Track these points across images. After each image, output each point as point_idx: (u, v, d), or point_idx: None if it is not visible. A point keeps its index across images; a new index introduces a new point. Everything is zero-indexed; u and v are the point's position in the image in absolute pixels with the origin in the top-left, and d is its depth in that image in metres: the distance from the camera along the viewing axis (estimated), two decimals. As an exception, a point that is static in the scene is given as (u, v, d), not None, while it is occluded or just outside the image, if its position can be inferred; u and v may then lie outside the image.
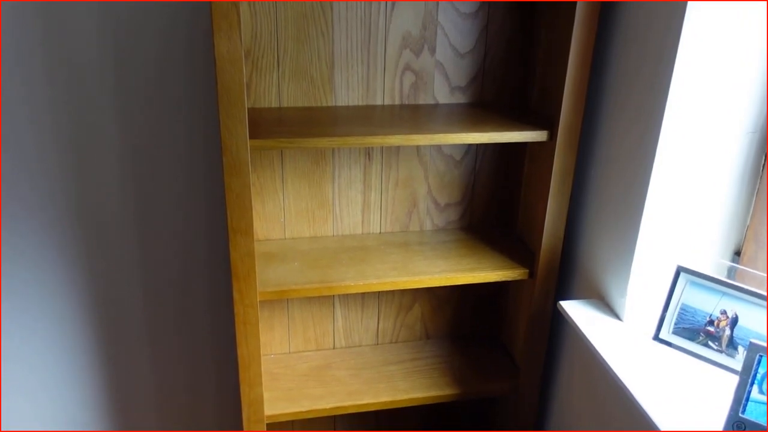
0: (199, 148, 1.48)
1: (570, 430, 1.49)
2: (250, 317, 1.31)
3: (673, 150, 1.12)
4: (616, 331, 1.22)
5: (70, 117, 1.39)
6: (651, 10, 1.11)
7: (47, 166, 1.43)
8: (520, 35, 1.44)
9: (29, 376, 1.64)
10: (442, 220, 1.58)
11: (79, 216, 1.49)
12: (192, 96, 1.43)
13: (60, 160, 1.43)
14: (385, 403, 1.49)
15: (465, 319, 1.70)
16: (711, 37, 1.05)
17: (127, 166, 1.46)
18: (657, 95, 1.10)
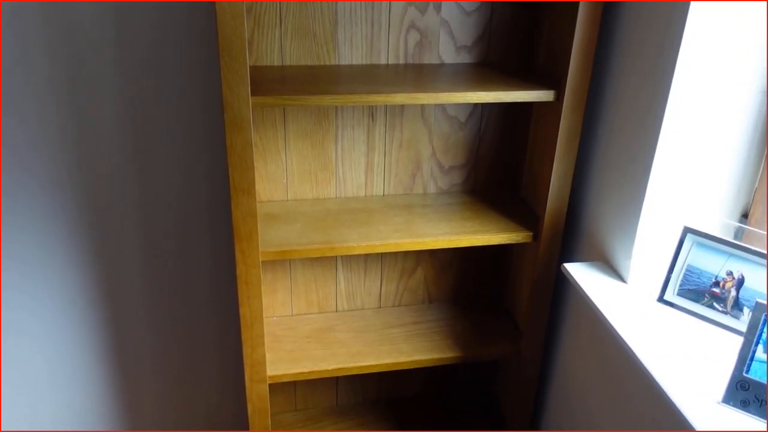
0: (201, 106, 1.46)
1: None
2: (252, 277, 1.30)
3: (683, 110, 1.10)
4: (621, 293, 1.21)
5: (68, 62, 1.37)
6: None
7: (45, 116, 1.41)
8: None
9: (28, 327, 1.64)
10: (446, 183, 1.56)
11: (79, 174, 1.47)
12: (193, 52, 1.40)
13: (58, 111, 1.41)
14: (387, 365, 1.49)
15: (468, 283, 1.70)
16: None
17: (128, 124, 1.44)
18: (667, 54, 1.08)
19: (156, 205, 1.54)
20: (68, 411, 1.76)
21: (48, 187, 1.47)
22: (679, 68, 1.07)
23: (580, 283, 1.24)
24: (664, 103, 1.10)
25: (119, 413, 1.79)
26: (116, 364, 1.72)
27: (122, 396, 1.77)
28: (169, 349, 1.73)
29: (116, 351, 1.70)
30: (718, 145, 1.14)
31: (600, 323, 1.33)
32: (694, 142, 1.13)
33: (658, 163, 1.14)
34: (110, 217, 1.53)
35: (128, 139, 1.46)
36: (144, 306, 1.66)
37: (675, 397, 0.97)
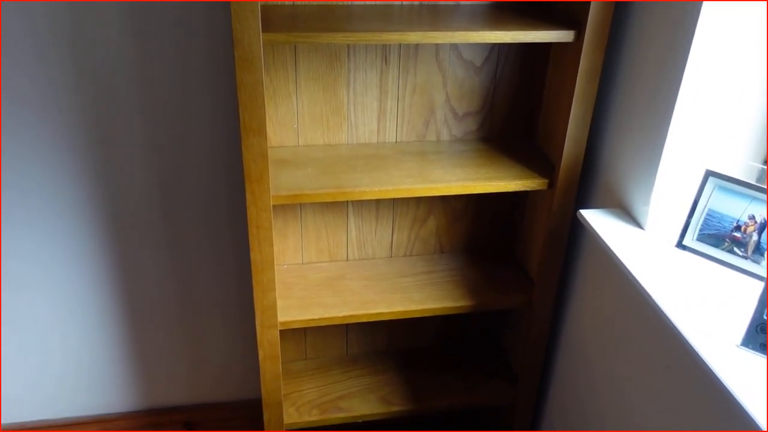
0: (212, 45, 1.42)
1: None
2: (263, 221, 1.28)
3: (707, 49, 1.06)
4: (638, 239, 1.19)
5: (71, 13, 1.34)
6: None
7: (44, 53, 1.38)
8: (548, -70, 1.36)
9: (32, 277, 1.64)
10: (460, 130, 1.53)
11: (83, 114, 1.45)
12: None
13: (57, 47, 1.38)
14: (398, 313, 1.48)
15: (480, 233, 1.68)
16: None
17: (136, 64, 1.41)
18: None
19: (166, 148, 1.52)
20: (77, 362, 1.77)
21: (51, 127, 1.45)
22: (705, 7, 1.02)
23: (596, 229, 1.22)
24: (689, 43, 1.06)
25: (129, 361, 1.80)
26: (126, 311, 1.72)
27: (132, 343, 1.78)
28: (180, 296, 1.73)
29: (125, 297, 1.70)
30: (741, 86, 1.10)
31: (616, 270, 1.31)
32: (717, 83, 1.10)
33: (680, 105, 1.11)
34: (118, 159, 1.51)
35: (133, 75, 1.43)
36: (154, 252, 1.65)
37: (693, 341, 0.95)
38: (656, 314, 1.15)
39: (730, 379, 0.88)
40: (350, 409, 1.63)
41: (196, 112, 1.49)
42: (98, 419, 1.87)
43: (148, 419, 1.89)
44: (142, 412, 1.89)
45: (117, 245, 1.62)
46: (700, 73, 1.08)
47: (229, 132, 1.52)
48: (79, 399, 1.85)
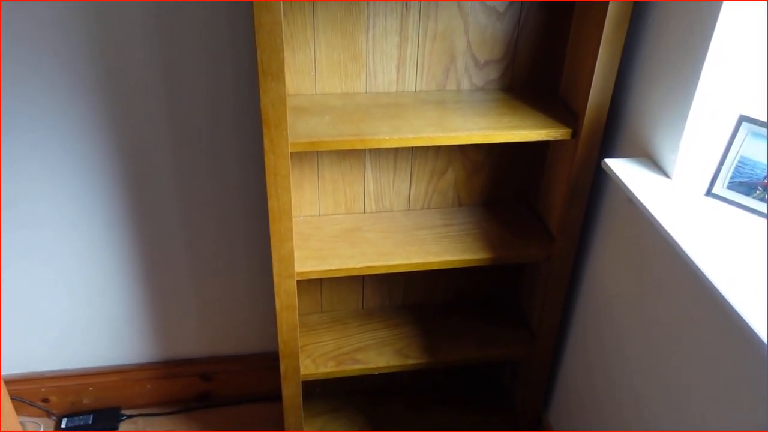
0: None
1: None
2: (281, 168, 1.26)
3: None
4: (665, 187, 1.16)
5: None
6: None
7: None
8: None
9: (49, 218, 1.64)
10: (481, 79, 1.49)
11: (100, 55, 1.42)
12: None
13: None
14: (416, 265, 1.46)
15: (500, 187, 1.65)
16: None
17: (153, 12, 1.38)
18: None
19: (183, 95, 1.49)
20: (96, 313, 1.78)
21: (68, 64, 1.42)
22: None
23: (621, 178, 1.19)
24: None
25: (146, 313, 1.81)
26: (142, 263, 1.72)
27: (149, 296, 1.78)
28: (196, 248, 1.72)
29: (142, 249, 1.70)
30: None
31: (642, 219, 1.28)
32: (754, 23, 1.05)
33: (714, 47, 1.07)
34: (135, 104, 1.49)
35: (153, 25, 1.40)
36: (169, 202, 1.64)
37: (723, 290, 0.93)
38: (683, 263, 1.13)
39: (761, 327, 0.86)
40: (366, 361, 1.63)
41: (212, 57, 1.45)
42: (116, 370, 1.88)
43: (165, 370, 1.90)
44: (159, 364, 1.90)
45: (132, 194, 1.61)
46: (736, 14, 1.04)
47: (244, 77, 1.49)
48: (97, 350, 1.86)
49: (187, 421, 1.92)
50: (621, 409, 1.41)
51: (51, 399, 1.89)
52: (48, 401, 1.89)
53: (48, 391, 1.87)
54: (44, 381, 1.86)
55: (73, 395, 1.89)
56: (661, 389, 1.24)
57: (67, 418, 1.89)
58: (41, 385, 1.86)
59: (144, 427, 1.90)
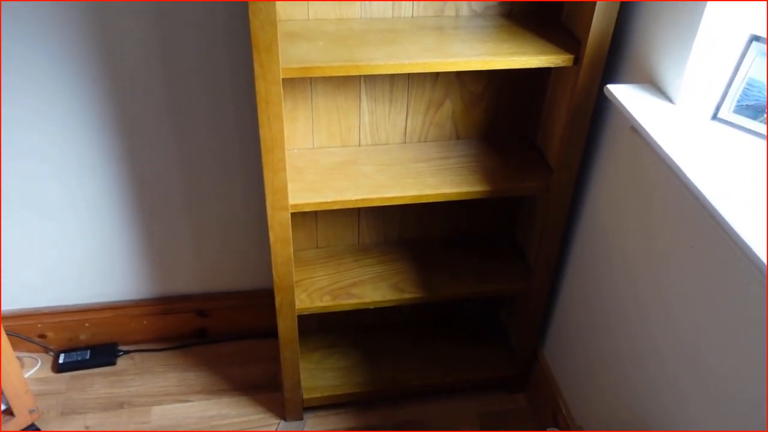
0: None
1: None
2: (273, 96, 1.22)
3: None
4: (670, 112, 1.12)
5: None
6: None
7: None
8: None
9: (36, 147, 1.60)
10: (481, 5, 1.43)
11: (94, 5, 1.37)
12: None
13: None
14: (412, 197, 1.44)
15: (498, 119, 1.61)
16: None
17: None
18: None
19: (174, 30, 1.44)
20: (90, 249, 1.76)
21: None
22: None
23: (623, 103, 1.15)
24: None
25: (141, 249, 1.79)
26: (136, 199, 1.69)
27: (144, 231, 1.76)
28: (190, 184, 1.69)
29: (136, 186, 1.67)
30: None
31: (644, 145, 1.24)
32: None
33: (725, -36, 1.01)
34: (123, 28, 1.43)
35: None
36: (162, 139, 1.60)
37: (727, 215, 0.90)
38: (685, 189, 1.10)
39: (762, 251, 0.84)
40: (362, 295, 1.62)
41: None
42: (111, 305, 1.88)
43: (160, 306, 1.90)
44: (155, 300, 1.90)
45: (126, 132, 1.57)
46: (751, -74, 0.98)
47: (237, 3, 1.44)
48: (93, 287, 1.85)
49: (183, 356, 1.93)
50: (618, 343, 1.40)
51: (48, 335, 1.89)
52: (45, 337, 1.89)
53: (45, 326, 1.87)
54: (41, 317, 1.86)
55: (70, 331, 1.90)
56: (658, 322, 1.23)
57: (64, 353, 1.89)
58: (38, 320, 1.86)
59: (141, 363, 1.91)
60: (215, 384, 1.87)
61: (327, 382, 1.80)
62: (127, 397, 1.82)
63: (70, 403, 1.79)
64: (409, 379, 1.82)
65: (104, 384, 1.85)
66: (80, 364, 1.88)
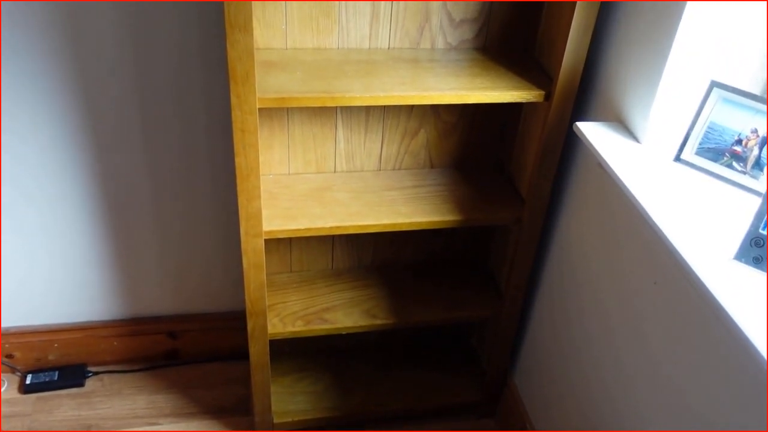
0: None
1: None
2: (249, 125, 1.24)
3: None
4: (635, 152, 1.16)
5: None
6: None
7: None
8: None
9: (18, 167, 1.59)
10: (456, 38, 1.46)
11: (71, 23, 1.37)
12: None
13: None
14: (386, 226, 1.46)
15: (472, 149, 1.64)
16: None
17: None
18: None
19: (148, 48, 1.45)
20: (61, 269, 1.75)
21: (28, 21, 1.37)
22: None
23: (591, 141, 1.19)
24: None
25: (113, 269, 1.78)
26: (109, 220, 1.69)
27: (116, 252, 1.75)
28: (163, 205, 1.69)
29: (108, 205, 1.66)
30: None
31: (610, 183, 1.28)
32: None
33: (687, 13, 1.06)
34: (101, 51, 1.44)
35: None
36: (136, 160, 1.60)
37: (685, 253, 0.94)
38: (648, 227, 1.14)
39: (721, 292, 0.87)
40: (334, 321, 1.63)
41: (177, 7, 1.41)
42: (81, 326, 1.86)
43: (130, 327, 1.89)
44: (126, 321, 1.89)
45: (95, 150, 1.57)
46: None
47: (212, 29, 1.45)
48: (62, 306, 1.83)
49: (153, 378, 1.92)
50: (585, 371, 1.43)
51: (15, 355, 1.86)
52: (12, 357, 1.87)
53: (12, 347, 1.85)
54: (8, 337, 1.83)
55: (38, 351, 1.87)
56: (625, 351, 1.26)
57: (32, 374, 1.87)
58: (5, 340, 1.83)
59: (110, 384, 1.89)
60: (185, 407, 1.85)
61: (298, 406, 1.80)
62: (95, 419, 1.80)
63: (37, 426, 1.77)
64: (380, 404, 1.83)
65: (72, 406, 1.83)
66: (48, 385, 1.86)
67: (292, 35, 1.39)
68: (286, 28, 1.37)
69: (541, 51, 1.44)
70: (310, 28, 1.38)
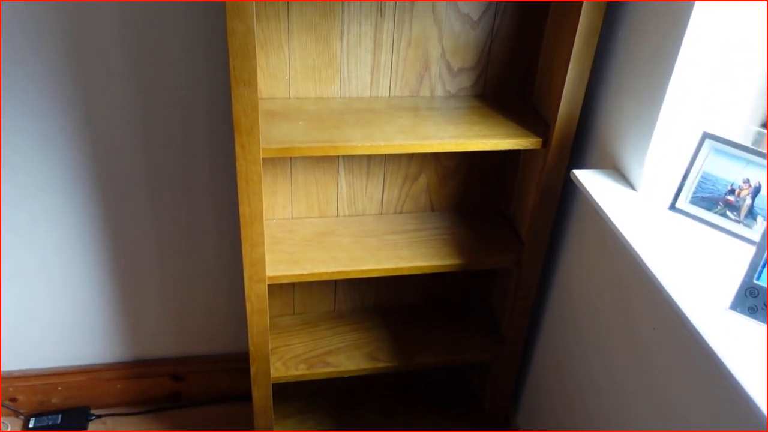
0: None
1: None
2: (253, 174, 1.26)
3: (709, 11, 1.04)
4: (631, 200, 1.18)
5: None
6: None
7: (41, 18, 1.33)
8: None
9: (23, 211, 1.62)
10: (455, 86, 1.50)
11: (77, 63, 1.41)
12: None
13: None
14: (387, 270, 1.48)
15: (471, 192, 1.66)
16: None
17: (130, 28, 1.37)
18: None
19: (156, 100, 1.48)
20: (64, 312, 1.76)
21: (38, 73, 1.41)
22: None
23: (588, 189, 1.21)
24: (691, 4, 1.04)
25: (116, 312, 1.80)
26: (113, 262, 1.71)
27: (120, 295, 1.77)
28: (167, 248, 1.71)
29: (112, 248, 1.69)
30: (741, 48, 1.08)
31: (607, 230, 1.31)
32: (718, 44, 1.07)
33: (679, 66, 1.09)
34: (109, 106, 1.47)
35: (129, 36, 1.39)
36: (140, 204, 1.63)
37: (681, 303, 0.95)
38: (646, 275, 1.16)
39: (717, 341, 0.89)
40: (337, 364, 1.64)
41: (184, 59, 1.44)
42: (85, 369, 1.87)
43: (134, 370, 1.89)
44: (129, 363, 1.90)
45: (101, 196, 1.60)
46: (701, 34, 1.06)
47: (217, 81, 1.48)
48: (65, 349, 1.84)
49: (157, 421, 1.92)
50: (587, 411, 1.43)
51: (19, 398, 1.87)
52: (16, 400, 1.87)
53: (15, 390, 1.85)
54: (12, 380, 1.84)
55: (42, 394, 1.88)
56: (627, 394, 1.27)
57: (35, 417, 1.87)
58: (9, 384, 1.84)
59: (113, 427, 1.89)
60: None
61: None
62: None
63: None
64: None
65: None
66: (51, 428, 1.86)
67: (295, 85, 1.42)
68: (289, 78, 1.41)
69: (538, 98, 1.48)
70: (313, 77, 1.42)
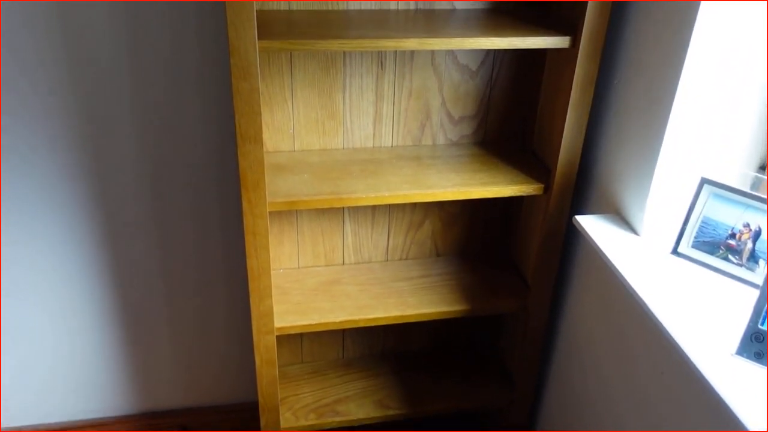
0: (208, 52, 1.42)
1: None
2: (260, 228, 1.28)
3: (703, 56, 1.07)
4: (633, 245, 1.19)
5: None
6: None
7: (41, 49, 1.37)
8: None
9: (28, 267, 1.64)
10: (456, 134, 1.53)
11: (86, 122, 1.45)
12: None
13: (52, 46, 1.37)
14: (394, 318, 1.48)
15: (476, 237, 1.68)
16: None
17: (129, 67, 1.41)
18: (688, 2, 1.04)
19: (159, 153, 1.52)
20: (71, 365, 1.77)
21: (47, 130, 1.44)
22: (702, 11, 1.03)
23: (591, 235, 1.23)
24: (685, 49, 1.06)
25: (124, 364, 1.80)
26: (120, 315, 1.72)
27: (127, 347, 1.78)
28: (175, 300, 1.73)
29: (120, 301, 1.70)
30: (737, 94, 1.11)
31: (611, 275, 1.31)
32: (713, 90, 1.10)
33: (675, 112, 1.11)
34: (110, 163, 1.51)
35: (133, 90, 1.42)
36: (147, 256, 1.65)
37: (687, 348, 0.96)
38: (651, 321, 1.16)
39: (725, 388, 0.89)
40: (347, 413, 1.63)
41: (191, 118, 1.48)
42: (93, 423, 1.87)
43: (143, 422, 1.89)
44: (138, 416, 1.89)
45: (110, 249, 1.62)
46: (696, 80, 1.08)
47: (223, 137, 1.52)
48: (73, 402, 1.84)
49: (166, 474, 1.90)
50: (598, 460, 1.42)
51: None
52: (24, 456, 1.86)
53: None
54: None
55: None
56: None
57: (44, 473, 1.86)
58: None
59: (122, 481, 1.88)
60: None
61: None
62: None
63: None
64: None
65: (84, 505, 1.81)
66: (60, 484, 1.85)
67: (300, 137, 1.45)
68: (293, 132, 1.44)
69: (538, 144, 1.50)
70: (317, 130, 1.45)
